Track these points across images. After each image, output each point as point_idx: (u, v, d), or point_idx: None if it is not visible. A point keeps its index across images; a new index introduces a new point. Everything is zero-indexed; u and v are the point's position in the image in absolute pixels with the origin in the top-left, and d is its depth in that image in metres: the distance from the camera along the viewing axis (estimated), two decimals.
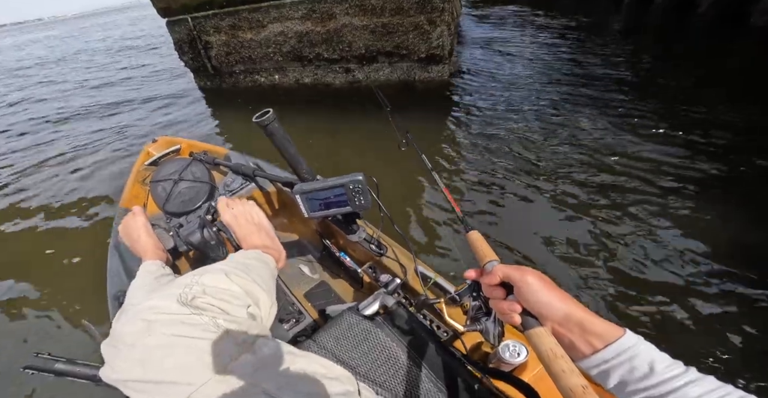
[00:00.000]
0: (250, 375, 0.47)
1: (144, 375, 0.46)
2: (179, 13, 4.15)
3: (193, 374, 0.45)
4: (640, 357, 0.36)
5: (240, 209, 0.84)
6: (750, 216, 1.85)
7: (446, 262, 1.78)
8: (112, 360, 0.49)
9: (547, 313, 0.41)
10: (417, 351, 0.71)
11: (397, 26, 3.34)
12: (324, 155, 2.89)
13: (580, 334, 0.40)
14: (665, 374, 0.35)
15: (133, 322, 0.50)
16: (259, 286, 0.64)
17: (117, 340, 0.49)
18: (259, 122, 0.92)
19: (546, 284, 0.43)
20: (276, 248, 0.81)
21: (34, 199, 2.98)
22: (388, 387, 0.66)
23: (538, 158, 2.48)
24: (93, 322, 0.75)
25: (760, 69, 3.44)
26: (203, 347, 0.47)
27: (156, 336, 0.47)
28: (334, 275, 1.17)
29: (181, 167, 1.28)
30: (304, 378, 0.51)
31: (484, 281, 0.48)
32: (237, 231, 0.82)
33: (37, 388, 1.47)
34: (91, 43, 13.30)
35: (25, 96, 6.44)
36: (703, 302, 1.48)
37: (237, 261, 0.69)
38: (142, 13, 29.36)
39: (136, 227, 0.87)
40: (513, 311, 0.44)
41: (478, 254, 0.55)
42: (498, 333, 0.51)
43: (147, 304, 0.52)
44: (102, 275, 1.15)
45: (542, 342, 0.39)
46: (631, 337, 0.38)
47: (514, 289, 0.44)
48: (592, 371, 0.40)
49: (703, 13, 5.04)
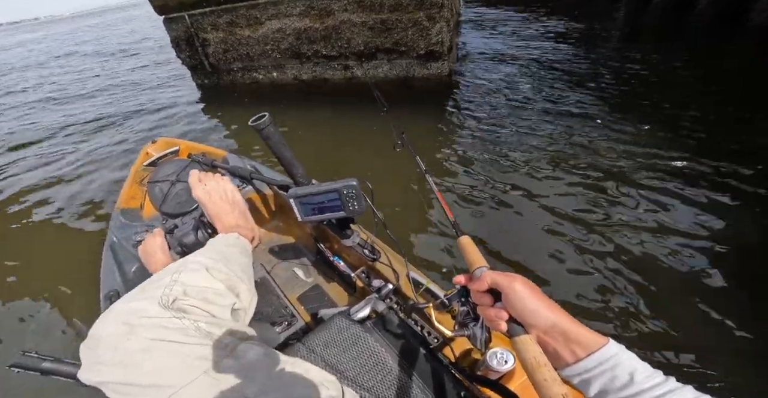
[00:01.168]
0: (232, 380, 0.47)
1: (125, 378, 0.45)
2: (176, 11, 4.12)
3: (174, 377, 0.45)
4: (621, 367, 0.37)
5: (213, 185, 0.81)
6: (751, 215, 1.85)
7: (436, 266, 1.78)
8: (92, 363, 0.48)
9: (533, 321, 0.41)
10: (406, 356, 0.71)
11: (396, 22, 3.31)
12: (319, 154, 2.89)
13: (564, 343, 0.40)
14: (645, 383, 0.35)
15: (115, 325, 0.49)
16: (240, 278, 0.63)
17: (97, 342, 0.48)
18: (255, 125, 0.92)
19: (533, 292, 0.43)
20: (250, 228, 0.79)
21: (28, 197, 2.99)
22: (375, 393, 0.67)
23: (533, 161, 2.48)
24: (84, 321, 0.76)
25: (758, 68, 3.42)
26: (185, 351, 0.47)
27: (137, 340, 0.47)
28: (327, 279, 1.18)
29: (179, 168, 1.28)
30: (287, 383, 0.51)
31: (473, 287, 0.48)
32: (210, 208, 0.79)
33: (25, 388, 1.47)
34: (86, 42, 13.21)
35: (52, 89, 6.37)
36: (697, 303, 1.49)
37: (216, 250, 0.67)
38: (134, 13, 29.07)
39: (153, 247, 0.89)
40: (500, 318, 0.44)
41: (467, 260, 0.55)
42: (485, 339, 0.52)
43: (128, 306, 0.51)
44: (96, 275, 1.16)
45: (527, 349, 0.40)
46: (613, 347, 0.38)
47: (501, 296, 0.44)
48: (574, 379, 0.40)
49: (702, 12, 5.00)
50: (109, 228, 1.29)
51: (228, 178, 0.85)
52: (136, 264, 1.11)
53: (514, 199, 2.16)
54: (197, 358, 0.47)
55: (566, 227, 1.92)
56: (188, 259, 0.63)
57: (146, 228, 1.13)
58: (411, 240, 1.94)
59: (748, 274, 1.58)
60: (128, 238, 1.17)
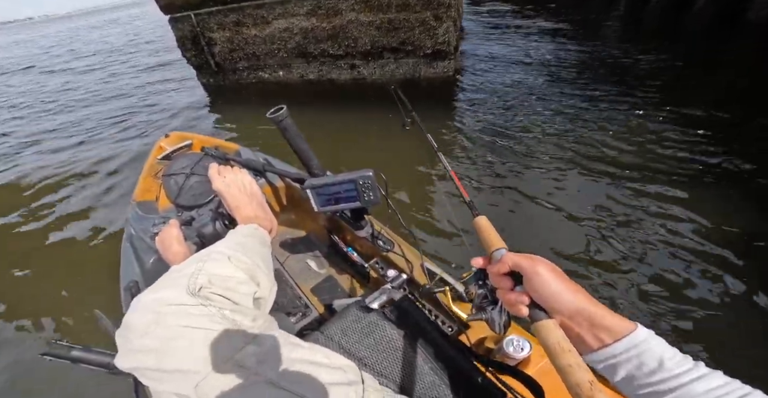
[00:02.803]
0: (255, 365, 0.48)
1: (156, 364, 0.47)
2: (182, 10, 4.15)
3: (201, 363, 0.46)
4: (649, 353, 0.36)
5: (232, 177, 0.83)
6: (753, 211, 1.86)
7: (451, 249, 1.79)
8: (126, 350, 0.50)
9: (556, 306, 0.40)
10: (422, 344, 0.72)
11: (403, 22, 3.33)
12: (325, 152, 2.90)
13: (588, 328, 0.39)
14: (674, 370, 0.35)
15: (144, 313, 0.51)
16: (260, 268, 0.64)
17: (129, 330, 0.50)
18: (274, 117, 0.94)
19: (558, 276, 0.41)
20: (268, 219, 0.81)
21: (46, 194, 3.03)
22: (393, 379, 0.68)
23: (542, 149, 2.50)
24: (105, 312, 0.77)
25: (757, 66, 3.44)
26: (210, 337, 0.48)
27: (166, 327, 0.48)
28: (340, 271, 1.19)
29: (192, 161, 1.29)
30: (307, 367, 0.52)
31: (492, 270, 0.47)
32: (229, 200, 0.81)
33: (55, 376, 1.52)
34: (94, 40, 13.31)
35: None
36: (713, 294, 1.50)
37: (236, 241, 0.68)
38: (128, 12, 29.19)
39: (170, 238, 0.91)
40: (521, 302, 0.43)
41: (485, 242, 0.52)
42: (504, 323, 0.50)
43: (156, 296, 0.53)
44: (116, 266, 1.18)
45: (550, 335, 0.38)
46: (643, 332, 0.37)
47: (523, 279, 0.43)
48: (598, 365, 0.39)
49: (700, 11, 5.02)
50: (127, 221, 1.30)
51: (246, 171, 0.87)
52: (154, 256, 1.13)
53: (525, 184, 2.19)
54: (223, 345, 0.48)
55: (584, 213, 1.93)
56: (211, 249, 0.64)
57: (163, 220, 1.15)
58: (421, 223, 1.96)
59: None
60: (146, 230, 1.18)
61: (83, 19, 36.96)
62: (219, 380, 0.46)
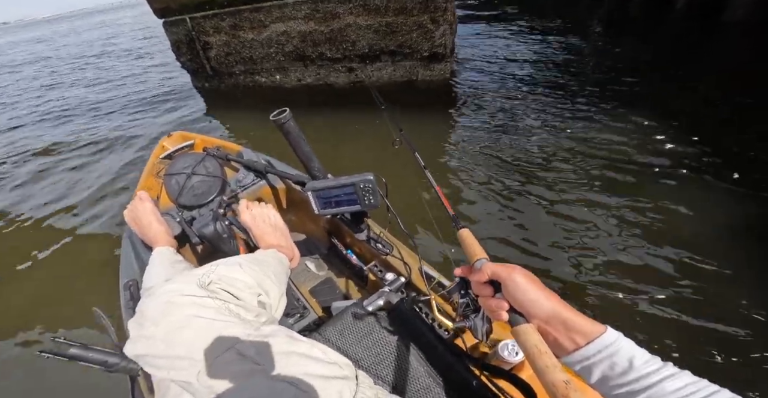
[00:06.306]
0: (254, 355, 0.51)
1: (163, 351, 0.51)
2: (177, 14, 4.11)
3: (205, 351, 0.50)
4: (620, 354, 0.38)
5: (258, 211, 0.92)
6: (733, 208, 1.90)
7: (436, 260, 1.80)
8: (136, 337, 0.54)
9: (533, 311, 0.42)
10: (418, 347, 0.73)
11: (400, 25, 3.36)
12: (322, 156, 2.89)
13: (564, 331, 0.41)
14: (643, 369, 0.36)
15: (157, 302, 0.56)
16: (270, 279, 0.69)
17: (143, 317, 0.55)
18: (276, 120, 0.95)
19: (533, 283, 0.44)
20: (290, 248, 0.88)
21: (48, 193, 3.05)
22: (389, 381, 0.69)
23: (532, 157, 2.51)
24: (104, 310, 0.77)
25: (739, 64, 3.51)
26: (216, 328, 0.52)
27: (176, 316, 0.53)
28: (339, 273, 1.20)
29: (194, 161, 1.30)
30: (304, 361, 0.54)
31: (473, 279, 0.49)
32: (255, 231, 0.89)
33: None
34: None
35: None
36: (689, 294, 1.52)
37: (254, 257, 0.74)
38: (111, 17, 28.91)
39: (145, 213, 0.93)
40: (500, 308, 0.45)
41: (467, 252, 0.56)
42: (486, 330, 0.52)
43: (170, 287, 0.58)
44: (115, 264, 1.18)
45: (528, 338, 0.40)
46: (612, 334, 0.39)
47: (501, 287, 0.45)
48: (575, 367, 0.41)
49: (681, 10, 5.12)
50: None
51: (271, 205, 0.95)
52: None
53: (513, 194, 2.20)
54: (226, 335, 0.52)
55: (566, 221, 1.96)
56: (228, 259, 0.71)
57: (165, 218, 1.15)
58: (416, 235, 1.96)
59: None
60: None
61: (66, 22, 36.35)
62: (220, 368, 0.49)
